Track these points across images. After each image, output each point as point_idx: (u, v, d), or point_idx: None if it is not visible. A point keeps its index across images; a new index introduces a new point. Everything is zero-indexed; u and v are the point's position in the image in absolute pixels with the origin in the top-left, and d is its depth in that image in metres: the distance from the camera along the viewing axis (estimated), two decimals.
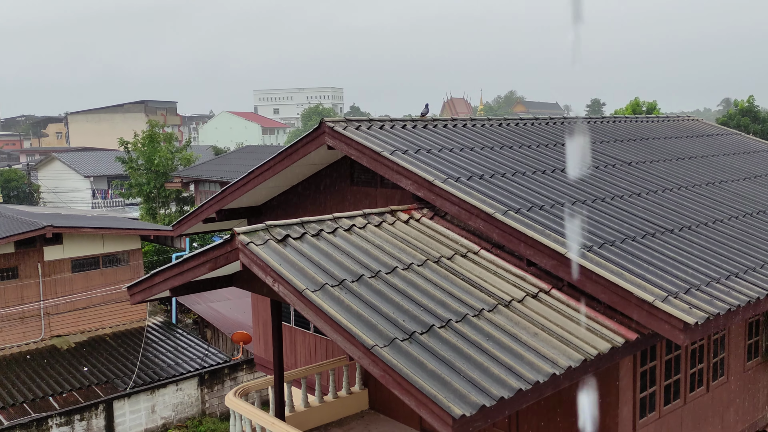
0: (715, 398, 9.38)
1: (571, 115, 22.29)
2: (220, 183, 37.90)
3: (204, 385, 18.89)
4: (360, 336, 5.95)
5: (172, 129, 66.95)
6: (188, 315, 25.31)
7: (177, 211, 35.58)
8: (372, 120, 10.35)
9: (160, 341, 20.97)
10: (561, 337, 6.62)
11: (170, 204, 36.22)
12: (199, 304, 23.39)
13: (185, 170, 39.90)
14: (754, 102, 48.76)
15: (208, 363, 19.64)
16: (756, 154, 15.08)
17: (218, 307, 23.22)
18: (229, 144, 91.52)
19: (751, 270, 8.06)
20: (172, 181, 38.40)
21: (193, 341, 21.13)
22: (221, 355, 20.29)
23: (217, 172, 40.90)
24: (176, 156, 36.36)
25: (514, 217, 7.94)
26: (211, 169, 42.46)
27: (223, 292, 23.08)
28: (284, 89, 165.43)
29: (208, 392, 18.98)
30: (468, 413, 5.28)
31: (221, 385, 19.20)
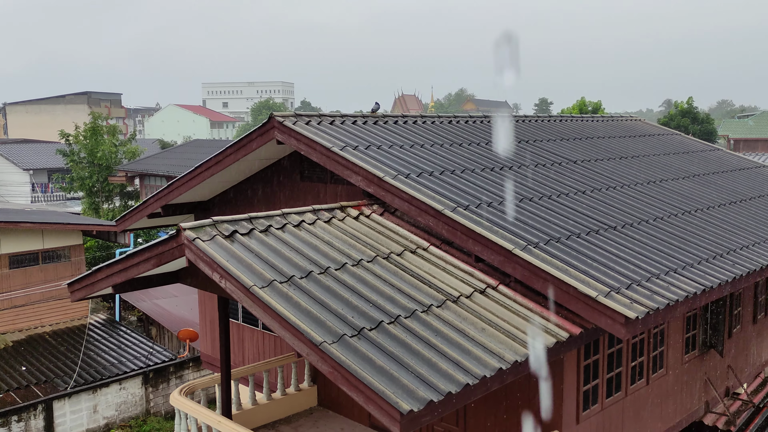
0: (655, 390, 9.69)
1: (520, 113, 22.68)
2: (167, 177, 37.09)
3: (148, 384, 18.46)
4: (308, 332, 5.90)
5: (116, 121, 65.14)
6: (132, 312, 24.68)
7: (121, 206, 34.63)
8: (322, 115, 10.28)
9: (103, 339, 20.38)
10: (508, 332, 6.72)
11: (114, 199, 35.24)
12: (144, 301, 22.83)
13: (130, 164, 38.87)
14: (694, 103, 50.63)
15: (153, 361, 19.19)
16: (695, 154, 15.62)
17: (164, 304, 22.72)
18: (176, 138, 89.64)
19: (689, 266, 8.34)
20: (116, 175, 37.37)
21: (137, 339, 20.62)
22: (167, 353, 19.86)
23: (163, 166, 40.00)
24: (120, 149, 35.37)
25: (462, 214, 8.01)
26: (157, 163, 41.51)
27: (168, 289, 22.59)
28: (233, 83, 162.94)
29: (152, 391, 18.55)
30: (416, 408, 5.30)
31: (166, 384, 18.80)
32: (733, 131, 60.95)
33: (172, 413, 17.64)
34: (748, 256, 9.34)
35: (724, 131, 60.84)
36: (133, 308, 24.24)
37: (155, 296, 22.98)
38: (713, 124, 51.99)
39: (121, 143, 36.22)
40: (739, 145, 58.67)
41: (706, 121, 49.98)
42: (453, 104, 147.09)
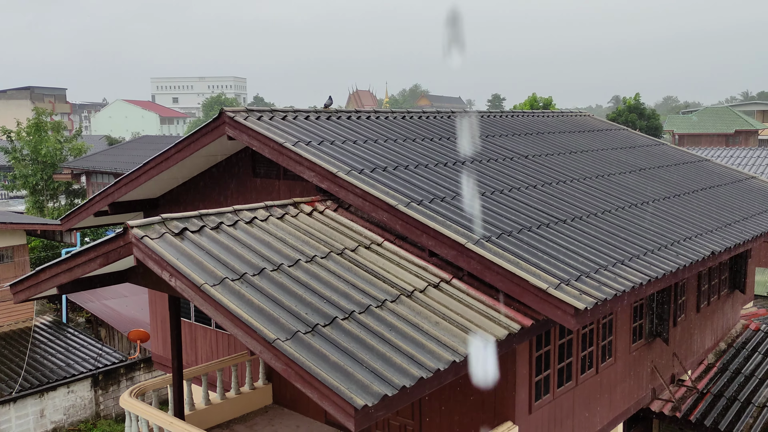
0: (604, 379, 9.94)
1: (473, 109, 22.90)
2: (114, 174, 36.20)
3: (98, 387, 17.99)
4: (261, 330, 5.84)
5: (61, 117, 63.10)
6: (80, 313, 24.01)
7: (67, 205, 33.63)
8: (274, 110, 10.17)
9: (50, 342, 19.76)
10: (461, 325, 6.78)
11: (59, 197, 34.19)
12: (92, 302, 22.23)
13: (76, 161, 37.76)
14: (641, 100, 52.00)
15: (103, 363, 18.71)
16: (641, 149, 16.05)
17: (113, 304, 22.17)
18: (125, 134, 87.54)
19: (635, 257, 8.57)
20: (61, 172, 36.28)
21: (85, 341, 20.06)
22: (117, 354, 19.39)
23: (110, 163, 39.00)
24: (66, 146, 34.33)
25: (416, 209, 8.04)
26: (104, 160, 40.45)
27: (118, 289, 22.06)
28: (184, 78, 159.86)
29: (102, 393, 18.09)
30: (370, 403, 5.31)
31: (117, 386, 18.36)
32: (677, 126, 62.92)
33: (123, 416, 17.24)
34: (691, 247, 9.65)
35: (669, 126, 62.75)
36: (80, 309, 23.57)
37: (104, 296, 22.41)
38: (659, 119, 53.53)
39: (67, 140, 35.18)
40: (683, 140, 60.61)
41: (652, 116, 51.43)
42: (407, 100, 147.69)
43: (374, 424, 9.17)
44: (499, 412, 8.09)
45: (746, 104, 77.61)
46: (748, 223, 11.87)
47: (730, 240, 10.51)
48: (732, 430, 11.00)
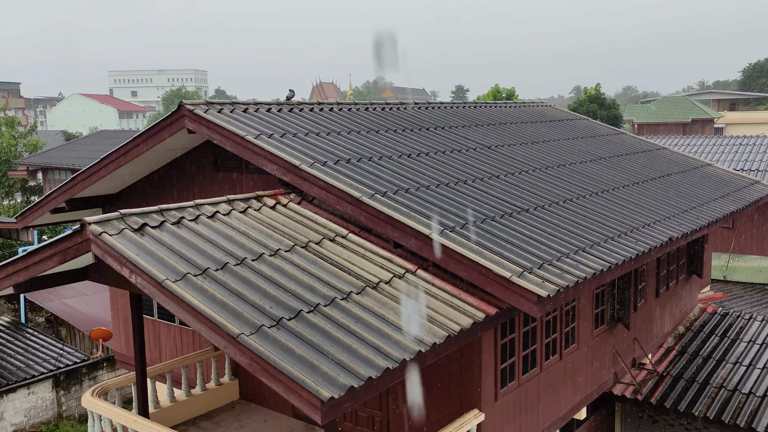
0: (568, 364, 10.11)
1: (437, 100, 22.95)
2: (72, 170, 35.39)
3: (59, 387, 17.61)
4: (225, 325, 5.78)
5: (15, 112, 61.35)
6: (40, 313, 23.42)
7: (23, 202, 32.75)
8: (235, 103, 10.04)
9: (8, 343, 19.24)
10: (426, 315, 6.81)
11: (15, 194, 33.27)
12: (52, 301, 21.72)
13: (31, 157, 36.78)
14: (601, 90, 52.77)
15: (64, 363, 18.30)
16: (601, 138, 16.31)
17: (73, 303, 21.69)
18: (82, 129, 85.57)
19: (596, 245, 8.72)
20: (17, 169, 35.27)
21: (45, 341, 19.59)
22: (78, 353, 18.99)
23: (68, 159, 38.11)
24: (20, 142, 33.39)
25: (380, 201, 8.04)
26: (61, 156, 39.50)
27: (78, 287, 21.59)
28: (142, 71, 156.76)
29: (64, 394, 17.72)
30: (337, 395, 5.30)
31: (79, 386, 18.00)
32: (637, 116, 64.10)
33: (86, 416, 16.93)
34: (649, 233, 9.85)
35: (629, 116, 63.89)
36: (40, 309, 22.99)
37: (64, 295, 21.92)
38: (619, 109, 54.42)
39: (21, 135, 34.22)
40: (642, 129, 61.81)
41: (613, 106, 52.24)
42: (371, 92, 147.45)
43: (342, 415, 9.19)
44: (465, 400, 8.16)
45: (702, 93, 79.47)
46: (705, 209, 12.18)
47: (687, 226, 10.76)
48: (691, 410, 11.30)
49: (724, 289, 19.50)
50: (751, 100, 78.22)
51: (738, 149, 24.75)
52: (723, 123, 66.90)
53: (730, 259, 22.77)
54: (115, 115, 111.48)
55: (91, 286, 21.15)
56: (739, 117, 69.43)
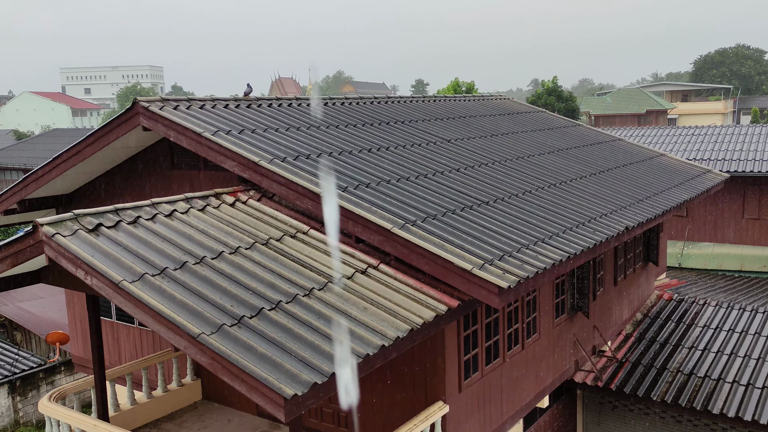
0: (530, 354, 10.25)
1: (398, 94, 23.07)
2: (23, 170, 34.40)
3: (16, 393, 17.14)
4: (185, 325, 5.69)
5: None
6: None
7: None
8: (192, 99, 9.87)
9: None
10: (389, 309, 6.82)
11: None
12: (6, 305, 21.10)
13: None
14: (558, 83, 53.55)
15: (20, 368, 17.82)
16: (559, 130, 16.55)
17: (28, 306, 21.11)
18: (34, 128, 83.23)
19: (555, 235, 8.84)
20: None
21: (0, 346, 19.05)
22: (35, 358, 18.50)
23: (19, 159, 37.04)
24: None
25: (341, 196, 8.01)
26: (12, 156, 38.35)
27: (33, 290, 21.01)
28: (96, 67, 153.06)
29: (21, 400, 17.25)
30: (300, 392, 5.27)
31: (36, 391, 17.54)
32: (593, 108, 65.26)
33: (44, 422, 16.51)
34: (607, 223, 10.04)
35: (585, 108, 64.98)
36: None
37: (18, 299, 21.32)
38: (576, 101, 55.32)
39: None
40: (599, 121, 62.96)
41: (570, 98, 53.08)
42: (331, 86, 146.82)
43: (307, 412, 9.16)
44: (429, 392, 8.21)
45: (656, 85, 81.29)
46: (659, 198, 12.47)
47: (642, 215, 11.01)
48: (649, 395, 11.59)
49: (680, 276, 20.05)
50: (702, 92, 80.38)
51: (690, 139, 25.41)
52: (676, 114, 68.62)
53: (685, 247, 23.40)
54: (68, 113, 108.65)
55: (47, 288, 20.61)
56: (691, 108, 71.33)
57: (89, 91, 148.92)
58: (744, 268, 21.76)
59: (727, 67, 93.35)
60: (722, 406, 11.00)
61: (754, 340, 12.93)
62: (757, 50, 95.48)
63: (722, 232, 23.15)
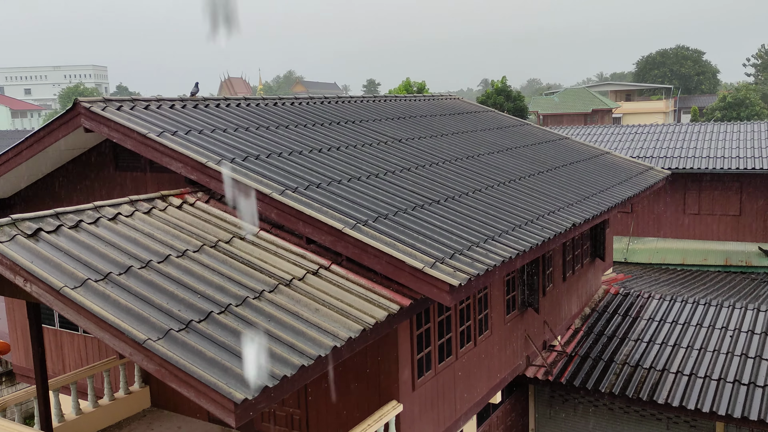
0: (482, 351, 10.36)
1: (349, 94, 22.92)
2: None
3: None
4: (130, 331, 5.53)
5: None
6: None
7: None
8: (136, 99, 9.63)
9: None
10: (341, 310, 6.79)
11: None
12: None
13: None
14: (507, 82, 54.35)
15: None
16: (508, 129, 16.80)
17: None
18: None
19: (504, 233, 8.96)
20: None
21: None
22: None
23: None
24: None
25: (291, 196, 7.93)
26: None
27: None
28: (36, 67, 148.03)
29: None
30: (250, 396, 5.19)
31: None
32: (541, 107, 66.46)
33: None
34: (554, 220, 10.23)
35: (534, 108, 66.15)
36: None
37: None
38: (524, 101, 56.24)
39: None
40: (547, 120, 64.17)
41: (518, 98, 53.91)
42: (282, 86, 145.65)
43: (259, 416, 9.05)
44: (383, 391, 8.21)
45: (601, 85, 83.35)
46: (605, 195, 12.79)
47: (588, 212, 11.26)
48: (598, 387, 11.86)
49: (626, 271, 20.61)
50: (644, 91, 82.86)
51: (633, 137, 26.15)
52: (620, 113, 70.54)
53: (630, 242, 24.07)
54: (8, 114, 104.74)
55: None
56: (635, 107, 73.47)
57: (30, 91, 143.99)
58: (686, 261, 22.51)
59: (667, 68, 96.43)
60: (667, 396, 11.34)
61: (695, 331, 13.38)
62: (695, 51, 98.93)
63: (665, 228, 23.90)
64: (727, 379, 11.62)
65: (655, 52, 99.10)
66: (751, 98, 69.53)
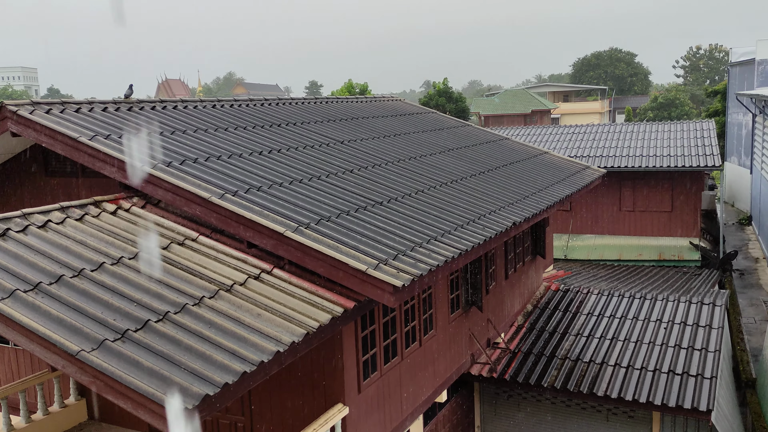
0: (427, 350, 10.43)
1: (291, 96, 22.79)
2: None
3: None
4: (62, 342, 5.32)
5: None
6: None
7: None
8: (66, 102, 9.28)
9: None
10: (284, 314, 6.71)
11: None
12: None
13: None
14: (449, 84, 55.00)
15: None
16: (450, 130, 16.98)
17: None
18: None
19: (447, 233, 9.04)
20: None
21: None
22: None
23: None
24: None
25: (231, 200, 7.80)
26: None
27: None
28: None
29: None
30: (191, 405, 5.07)
31: None
32: (483, 108, 67.54)
33: None
34: (496, 219, 10.40)
35: (475, 109, 67.17)
36: None
37: None
38: (466, 102, 57.05)
39: None
40: (488, 121, 65.24)
41: (460, 99, 54.65)
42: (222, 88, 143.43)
43: (202, 425, 8.84)
44: (329, 395, 8.16)
45: (540, 86, 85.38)
46: (543, 194, 13.07)
47: (528, 210, 11.49)
48: (541, 382, 12.11)
49: (566, 267, 21.14)
50: (581, 92, 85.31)
51: (571, 137, 26.85)
52: (558, 113, 72.41)
53: (570, 239, 24.71)
54: None
55: None
56: (572, 107, 75.57)
57: None
58: (622, 257, 23.26)
59: (602, 69, 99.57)
60: (606, 388, 11.67)
61: (632, 324, 13.83)
62: (628, 53, 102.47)
63: (602, 225, 24.63)
64: (662, 369, 12.05)
65: (590, 54, 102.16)
66: (680, 99, 72.52)
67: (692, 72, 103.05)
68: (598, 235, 24.65)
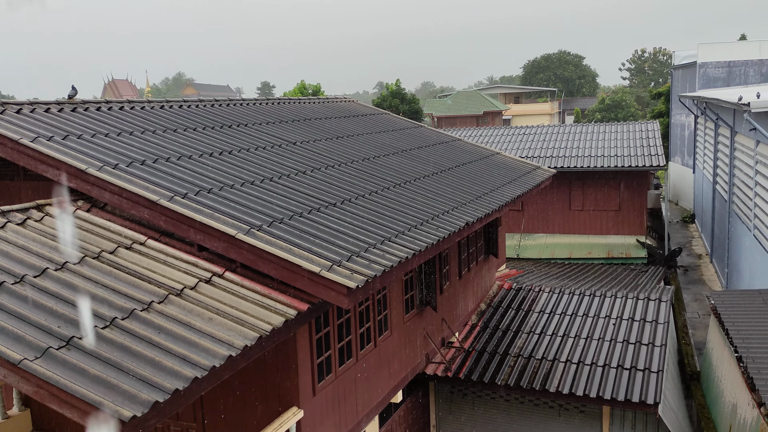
0: (382, 351, 10.44)
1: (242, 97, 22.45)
2: None
3: None
4: (3, 351, 5.12)
5: None
6: None
7: None
8: (6, 103, 8.96)
9: None
10: (236, 318, 6.62)
11: None
12: None
13: None
14: (401, 85, 55.25)
15: None
16: (403, 131, 17.05)
17: None
18: None
19: (400, 233, 9.07)
20: None
21: None
22: None
23: None
24: None
25: (180, 203, 7.65)
26: None
27: None
28: None
29: None
30: (140, 413, 4.94)
31: None
32: (436, 110, 68.09)
33: None
34: (449, 219, 10.48)
35: (428, 110, 67.67)
36: None
37: None
38: (419, 103, 57.42)
39: None
40: (441, 122, 65.81)
41: (413, 101, 55.00)
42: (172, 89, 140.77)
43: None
44: (283, 399, 8.08)
45: (492, 88, 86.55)
46: (495, 194, 13.25)
47: (481, 210, 11.62)
48: (495, 379, 12.26)
49: (518, 266, 21.47)
50: (531, 94, 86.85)
51: (522, 138, 27.30)
52: (510, 115, 73.55)
53: (522, 239, 25.11)
54: None
55: None
56: (523, 109, 76.88)
57: None
58: (573, 255, 23.76)
59: (552, 72, 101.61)
60: (558, 384, 11.89)
61: (582, 321, 14.13)
62: (576, 56, 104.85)
63: (553, 224, 25.12)
64: (611, 365, 12.35)
65: (540, 56, 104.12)
66: (626, 100, 74.55)
67: (637, 74, 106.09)
68: (549, 234, 25.12)
